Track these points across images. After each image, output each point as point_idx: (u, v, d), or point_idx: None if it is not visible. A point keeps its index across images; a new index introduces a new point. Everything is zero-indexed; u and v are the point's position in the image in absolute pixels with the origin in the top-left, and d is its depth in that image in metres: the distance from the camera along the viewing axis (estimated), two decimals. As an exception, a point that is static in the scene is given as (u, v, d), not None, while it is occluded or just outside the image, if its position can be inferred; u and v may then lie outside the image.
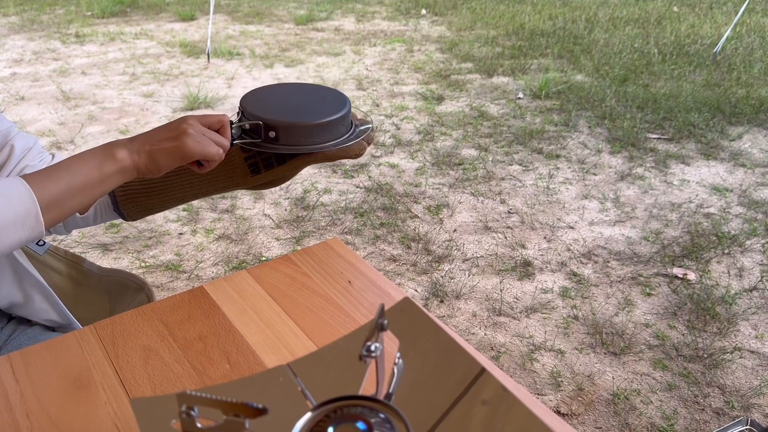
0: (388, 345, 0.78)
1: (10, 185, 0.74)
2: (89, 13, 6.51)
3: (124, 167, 0.80)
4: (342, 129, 0.93)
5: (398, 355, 0.62)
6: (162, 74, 4.58)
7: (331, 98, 0.96)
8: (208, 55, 4.88)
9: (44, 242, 1.15)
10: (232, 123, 0.88)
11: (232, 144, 0.87)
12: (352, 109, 0.99)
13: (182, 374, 0.76)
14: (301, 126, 0.88)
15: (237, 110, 0.93)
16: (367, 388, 0.67)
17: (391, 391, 0.59)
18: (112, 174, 0.80)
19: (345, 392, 0.57)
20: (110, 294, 1.22)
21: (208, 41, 4.93)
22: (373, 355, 0.56)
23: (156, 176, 0.84)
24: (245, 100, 0.93)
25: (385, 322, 0.58)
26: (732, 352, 1.95)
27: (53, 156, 1.01)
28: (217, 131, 0.86)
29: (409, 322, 0.64)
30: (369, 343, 0.57)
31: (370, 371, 0.60)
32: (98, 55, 5.06)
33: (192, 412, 0.50)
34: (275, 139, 0.88)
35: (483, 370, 0.61)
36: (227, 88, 4.27)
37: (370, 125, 0.96)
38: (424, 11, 6.60)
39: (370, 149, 3.34)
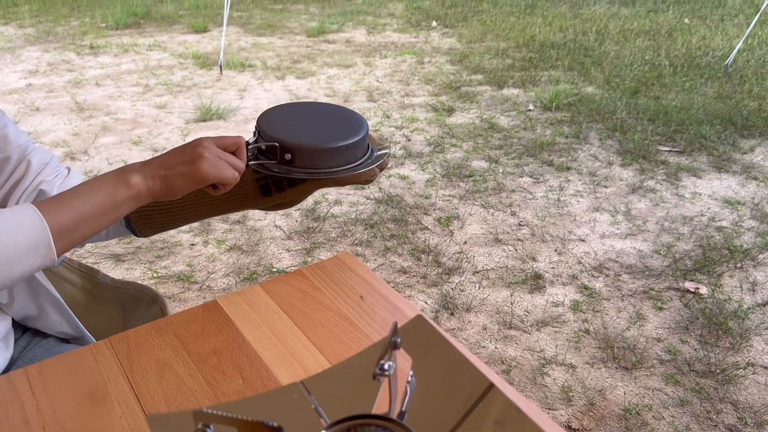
0: (401, 362, 0.78)
1: (23, 214, 0.74)
2: (103, 25, 6.59)
3: (138, 193, 0.80)
4: (358, 153, 0.91)
5: (411, 373, 0.62)
6: (175, 85, 4.62)
7: (349, 120, 0.94)
8: (220, 66, 4.92)
9: (59, 254, 1.16)
10: (248, 144, 0.87)
11: (247, 165, 0.87)
12: (371, 132, 0.98)
13: (196, 389, 0.77)
14: (317, 149, 0.87)
15: (254, 129, 0.93)
16: (380, 405, 0.67)
17: (404, 409, 0.60)
18: (126, 200, 0.79)
19: (358, 410, 0.57)
20: (124, 306, 1.23)
21: (220, 53, 4.98)
22: (387, 373, 0.57)
23: (171, 200, 0.84)
24: (262, 119, 0.92)
25: (398, 340, 0.59)
26: (745, 368, 1.93)
27: (69, 170, 1.02)
28: (233, 153, 0.86)
29: (423, 340, 0.64)
30: (382, 362, 0.58)
31: (383, 389, 0.61)
32: (112, 67, 5.12)
33: (208, 430, 0.51)
34: (291, 161, 0.88)
35: (491, 385, 0.61)
36: (239, 99, 4.31)
37: (386, 151, 0.95)
38: (434, 23, 6.63)
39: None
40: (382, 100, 4.29)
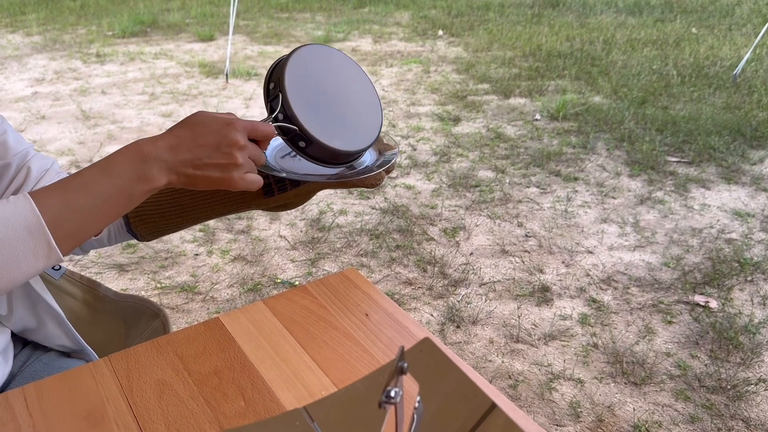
0: (408, 387, 0.76)
1: (18, 212, 0.68)
2: (110, 33, 6.61)
3: (157, 187, 0.73)
4: (368, 154, 0.89)
5: (418, 399, 0.60)
6: (181, 94, 4.62)
7: (368, 112, 0.89)
8: (226, 75, 4.92)
9: (60, 266, 1.14)
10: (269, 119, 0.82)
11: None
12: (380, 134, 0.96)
13: (197, 411, 0.74)
14: (335, 151, 0.83)
15: (271, 71, 0.83)
16: (387, 431, 0.65)
17: (410, 437, 0.58)
18: (142, 195, 0.73)
19: (363, 439, 0.55)
20: (125, 320, 1.21)
21: (226, 61, 4.98)
22: (393, 401, 0.55)
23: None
24: (289, 83, 0.82)
25: (405, 365, 0.57)
26: (756, 384, 1.90)
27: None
28: (257, 142, 0.79)
29: (430, 364, 0.62)
30: (389, 389, 0.55)
31: (389, 417, 0.59)
32: (118, 75, 5.13)
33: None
34: (303, 149, 0.83)
35: (493, 405, 0.59)
36: (245, 108, 4.30)
37: (394, 156, 0.92)
38: (440, 32, 6.63)
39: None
40: (387, 109, 4.28)
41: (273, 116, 0.82)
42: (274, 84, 0.83)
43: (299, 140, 0.83)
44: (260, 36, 6.50)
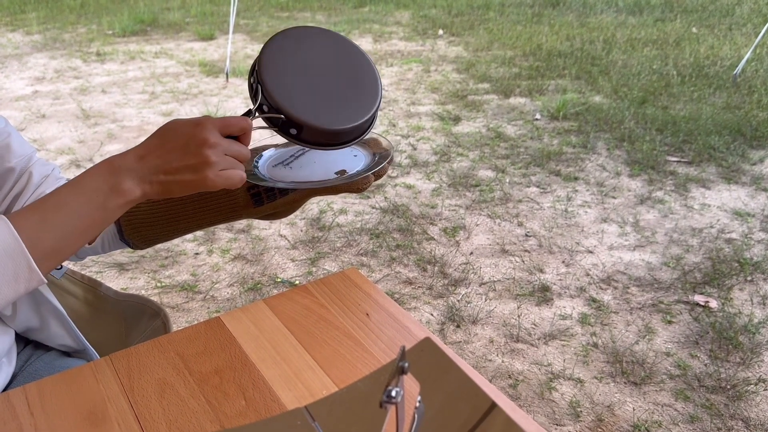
0: (409, 387, 0.76)
1: None
2: (110, 32, 6.61)
3: (133, 199, 0.73)
4: (366, 127, 0.83)
5: (419, 398, 0.60)
6: (181, 93, 4.62)
7: (363, 85, 0.84)
8: (226, 74, 4.92)
9: (61, 266, 1.14)
10: (251, 113, 0.79)
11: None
12: (376, 137, 0.96)
13: (198, 410, 0.75)
14: (327, 131, 0.80)
15: (253, 70, 0.81)
16: (388, 430, 0.65)
17: (411, 437, 0.58)
18: (118, 208, 0.73)
19: (364, 439, 0.55)
20: (126, 319, 1.21)
21: (227, 61, 4.98)
22: (394, 401, 0.55)
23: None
24: (268, 73, 0.79)
25: (406, 365, 0.57)
26: (756, 384, 1.90)
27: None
28: (237, 138, 0.77)
29: (431, 364, 0.62)
30: (390, 388, 0.55)
31: (390, 416, 0.59)
32: (118, 74, 5.13)
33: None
34: (296, 135, 0.80)
35: (493, 405, 0.59)
36: (245, 107, 4.30)
37: (388, 159, 0.91)
38: (440, 31, 6.63)
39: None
40: (388, 108, 4.28)
41: (257, 107, 0.79)
42: (255, 77, 0.80)
43: (290, 128, 0.79)
44: (260, 35, 6.50)
